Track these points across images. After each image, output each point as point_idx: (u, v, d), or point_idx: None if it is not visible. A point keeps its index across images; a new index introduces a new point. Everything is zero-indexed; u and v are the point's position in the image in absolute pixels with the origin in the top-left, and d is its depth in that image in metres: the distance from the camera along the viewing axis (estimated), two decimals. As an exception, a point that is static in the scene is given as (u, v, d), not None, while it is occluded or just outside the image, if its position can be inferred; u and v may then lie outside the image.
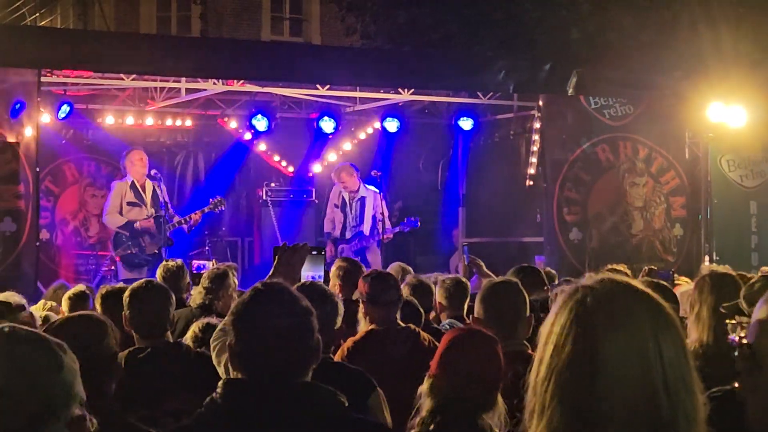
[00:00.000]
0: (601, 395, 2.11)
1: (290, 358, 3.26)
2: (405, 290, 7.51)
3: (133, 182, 13.51)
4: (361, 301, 6.32)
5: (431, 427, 4.04)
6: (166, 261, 9.33)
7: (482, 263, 9.95)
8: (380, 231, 14.57)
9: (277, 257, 4.83)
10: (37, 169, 11.79)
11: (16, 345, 2.48)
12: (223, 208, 14.07)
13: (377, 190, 14.91)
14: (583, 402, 2.12)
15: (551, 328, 2.24)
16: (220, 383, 3.26)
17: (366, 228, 14.92)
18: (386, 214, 14.84)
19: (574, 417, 2.13)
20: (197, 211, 13.66)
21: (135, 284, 6.15)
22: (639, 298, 2.23)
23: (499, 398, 4.12)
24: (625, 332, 2.15)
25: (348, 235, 15.10)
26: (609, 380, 2.12)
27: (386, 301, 6.20)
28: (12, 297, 7.01)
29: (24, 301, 7.05)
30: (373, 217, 14.89)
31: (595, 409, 2.12)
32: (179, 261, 9.16)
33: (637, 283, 2.30)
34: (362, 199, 15.00)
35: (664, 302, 2.25)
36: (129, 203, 13.46)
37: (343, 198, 15.17)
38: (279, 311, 3.31)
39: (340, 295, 6.88)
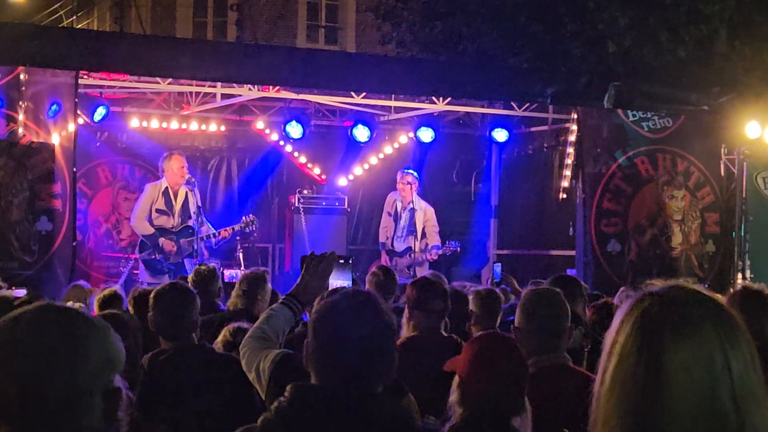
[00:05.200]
0: (665, 408, 2.05)
1: (367, 368, 3.21)
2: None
3: (166, 188, 13.46)
4: (407, 306, 6.29)
5: None
6: (198, 265, 9.33)
7: (514, 280, 9.90)
8: (426, 248, 14.60)
9: (304, 266, 4.83)
10: (75, 170, 11.83)
11: (52, 318, 2.49)
12: (254, 228, 14.02)
13: (430, 207, 15.01)
14: (646, 415, 2.06)
15: (616, 337, 2.17)
16: (288, 387, 3.20)
17: (414, 243, 14.84)
18: (437, 229, 14.86)
19: (637, 430, 2.07)
20: (228, 228, 13.64)
21: (160, 287, 6.21)
22: (707, 308, 2.15)
23: (525, 399, 4.08)
24: (691, 344, 2.08)
25: (397, 245, 15.04)
26: (673, 393, 2.05)
27: (432, 309, 6.17)
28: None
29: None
30: (423, 232, 14.83)
31: (659, 422, 2.06)
32: (211, 266, 9.15)
33: (706, 291, 2.22)
34: (412, 211, 14.92)
35: (734, 312, 2.19)
36: (158, 210, 13.40)
37: (396, 207, 15.13)
38: (365, 319, 3.25)
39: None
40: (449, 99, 14.92)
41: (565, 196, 15.49)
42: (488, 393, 4.03)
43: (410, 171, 15.21)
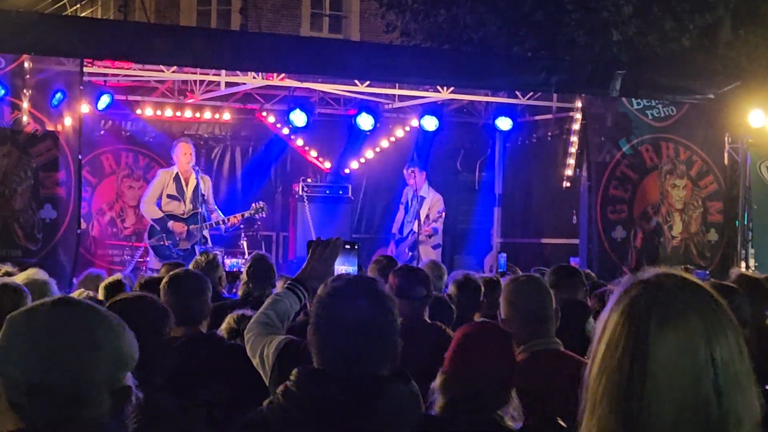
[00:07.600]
0: (650, 399, 2.06)
1: (368, 352, 3.25)
2: (451, 288, 7.51)
3: (177, 174, 13.60)
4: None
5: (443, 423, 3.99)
6: (200, 254, 9.32)
7: (519, 270, 9.90)
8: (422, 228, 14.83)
9: (310, 251, 4.84)
10: (80, 157, 11.83)
11: (68, 313, 2.54)
12: (264, 215, 14.13)
13: (438, 195, 15.26)
14: (632, 403, 2.07)
15: (605, 325, 2.17)
16: (294, 371, 3.24)
17: (416, 226, 14.99)
18: (440, 215, 15.03)
19: (623, 418, 2.08)
20: (237, 215, 13.78)
21: (173, 272, 6.14)
22: (694, 296, 2.15)
23: (513, 393, 4.03)
24: (675, 334, 2.08)
25: (405, 231, 15.28)
26: (657, 384, 2.06)
27: (413, 296, 6.16)
28: (37, 274, 7.05)
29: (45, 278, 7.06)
30: (427, 217, 15.01)
31: (644, 411, 2.06)
32: (213, 254, 9.13)
33: (695, 279, 2.21)
34: (422, 199, 15.09)
35: (722, 299, 2.17)
36: (169, 196, 13.54)
37: (408, 196, 15.37)
38: (365, 303, 3.30)
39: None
40: (453, 87, 14.90)
41: (569, 184, 15.45)
42: (470, 383, 3.96)
43: (413, 166, 15.41)
